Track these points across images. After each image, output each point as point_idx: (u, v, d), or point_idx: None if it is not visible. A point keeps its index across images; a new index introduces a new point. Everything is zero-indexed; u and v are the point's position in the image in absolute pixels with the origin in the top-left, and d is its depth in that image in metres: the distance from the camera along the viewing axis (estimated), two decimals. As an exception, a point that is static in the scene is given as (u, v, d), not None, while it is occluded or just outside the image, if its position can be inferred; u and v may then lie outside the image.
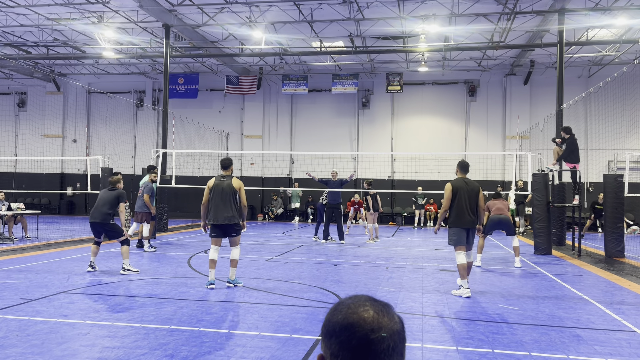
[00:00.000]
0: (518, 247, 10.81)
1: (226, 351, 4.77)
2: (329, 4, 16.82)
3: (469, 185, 7.56)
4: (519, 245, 10.89)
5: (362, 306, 1.17)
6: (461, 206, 7.46)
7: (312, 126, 25.37)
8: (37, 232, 15.17)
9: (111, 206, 8.96)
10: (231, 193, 7.77)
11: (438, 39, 19.78)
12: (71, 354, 4.62)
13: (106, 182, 15.31)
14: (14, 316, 5.87)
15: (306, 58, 23.15)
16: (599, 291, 8.12)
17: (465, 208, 7.46)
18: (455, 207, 7.49)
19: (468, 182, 7.61)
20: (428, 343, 5.16)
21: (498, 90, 24.17)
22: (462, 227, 7.46)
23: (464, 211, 7.45)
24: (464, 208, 7.45)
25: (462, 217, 7.44)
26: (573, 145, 12.71)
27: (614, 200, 12.46)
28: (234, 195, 7.79)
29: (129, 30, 20.19)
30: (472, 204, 7.50)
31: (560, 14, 15.77)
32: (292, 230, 19.50)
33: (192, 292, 7.44)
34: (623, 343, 5.29)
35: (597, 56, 21.34)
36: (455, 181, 7.63)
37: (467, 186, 7.54)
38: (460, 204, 7.47)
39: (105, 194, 9.10)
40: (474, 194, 7.52)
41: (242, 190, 7.86)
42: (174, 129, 24.58)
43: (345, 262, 10.91)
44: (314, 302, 6.93)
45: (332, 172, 14.80)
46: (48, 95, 27.53)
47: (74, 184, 26.66)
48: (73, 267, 9.47)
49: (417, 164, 23.85)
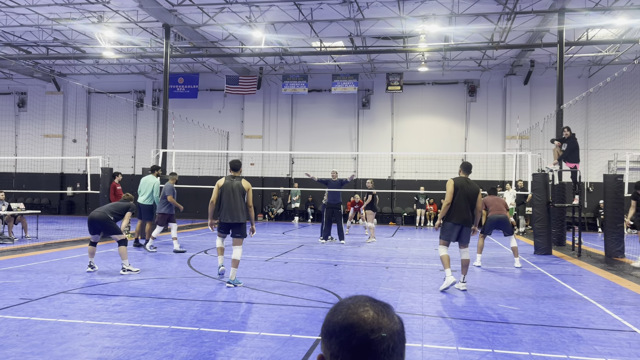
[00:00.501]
0: (516, 247, 10.79)
1: (226, 351, 4.77)
2: (329, 4, 16.82)
3: (470, 185, 7.75)
4: (517, 246, 10.88)
5: (362, 306, 1.17)
6: (459, 203, 7.64)
7: (312, 126, 25.37)
8: (37, 232, 15.17)
9: (117, 212, 9.19)
10: (240, 193, 8.00)
11: (438, 39, 19.78)
12: (71, 354, 4.62)
13: (106, 182, 15.40)
14: (14, 316, 5.87)
15: (306, 58, 23.15)
16: (599, 291, 8.12)
17: (462, 206, 7.63)
18: (454, 204, 7.66)
19: (469, 182, 7.79)
20: (428, 343, 5.16)
21: (498, 90, 24.18)
22: (456, 223, 7.66)
23: (461, 208, 7.63)
24: (461, 206, 7.63)
25: (458, 213, 7.63)
26: (574, 145, 12.72)
27: (614, 200, 12.46)
28: (242, 195, 8.03)
29: (129, 30, 20.19)
30: (470, 203, 7.68)
31: (560, 14, 15.77)
32: (292, 230, 19.50)
33: (192, 292, 7.44)
34: (623, 343, 5.29)
35: (597, 56, 21.34)
36: (457, 179, 7.79)
37: (468, 186, 7.74)
38: (459, 201, 7.64)
39: (116, 202, 9.57)
40: (473, 195, 7.69)
41: (250, 191, 8.09)
42: (174, 129, 24.58)
43: (345, 262, 10.91)
44: (314, 302, 6.93)
45: (332, 172, 14.81)
46: (48, 95, 27.54)
47: (74, 184, 26.67)
48: (73, 267, 9.47)
49: (417, 164, 23.85)
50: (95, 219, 8.92)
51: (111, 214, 9.05)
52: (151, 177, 13.22)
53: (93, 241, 9.09)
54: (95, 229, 9.01)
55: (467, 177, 7.90)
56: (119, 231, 9.07)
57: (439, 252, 7.93)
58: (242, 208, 8.01)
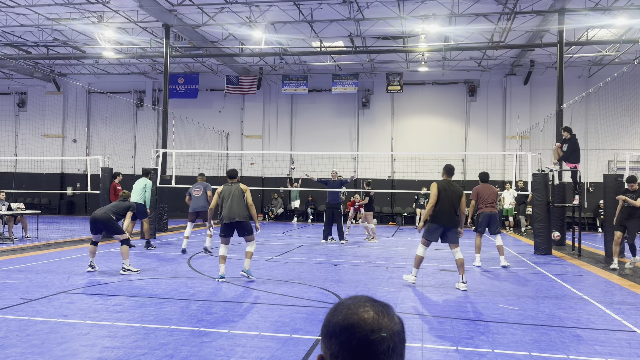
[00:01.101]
0: (502, 245, 10.70)
1: (226, 351, 4.77)
2: (329, 4, 16.82)
3: (453, 187, 7.98)
4: (502, 244, 10.79)
5: (362, 307, 1.17)
6: (444, 206, 7.83)
7: (312, 126, 25.37)
8: (37, 232, 15.18)
9: (118, 212, 9.24)
10: (240, 194, 8.52)
11: (438, 39, 19.78)
12: (71, 354, 4.62)
13: (106, 182, 15.39)
14: (14, 316, 5.87)
15: (306, 58, 23.15)
16: (599, 291, 8.12)
17: (447, 208, 7.82)
18: (438, 206, 7.85)
19: (452, 184, 8.02)
20: (428, 343, 5.16)
21: (498, 90, 24.17)
22: (440, 225, 7.86)
23: (445, 211, 7.82)
24: (446, 208, 7.82)
25: (443, 215, 7.82)
26: (575, 145, 12.71)
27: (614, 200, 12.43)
28: (241, 197, 8.54)
29: (129, 30, 20.19)
30: (454, 205, 7.87)
31: (560, 14, 15.77)
32: (292, 230, 19.50)
33: (192, 292, 7.44)
34: (623, 343, 5.29)
35: (597, 56, 21.34)
36: (440, 182, 8.02)
37: (452, 188, 7.94)
38: (443, 204, 7.83)
39: (116, 202, 9.55)
40: (457, 197, 7.90)
41: (248, 192, 8.64)
42: (174, 129, 24.58)
43: (345, 262, 10.91)
44: (314, 302, 6.93)
45: (332, 172, 14.80)
46: (48, 95, 27.53)
47: (74, 184, 26.66)
48: (73, 267, 9.47)
49: (417, 164, 23.84)
50: (97, 219, 8.94)
51: (113, 214, 9.09)
52: (143, 180, 13.34)
53: (94, 241, 9.10)
54: (98, 229, 9.02)
55: (450, 179, 8.11)
56: (121, 231, 9.11)
57: (417, 251, 8.15)
58: (241, 208, 8.39)
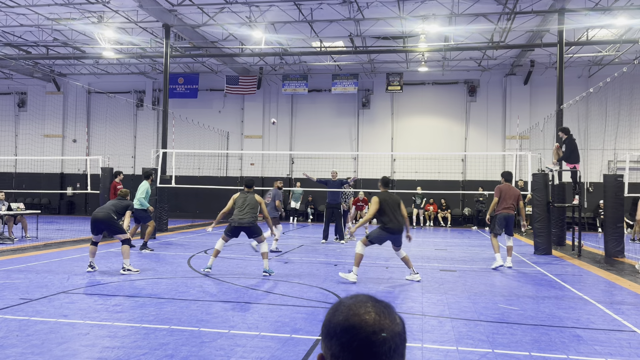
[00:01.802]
0: (512, 247, 10.76)
1: (226, 351, 4.77)
2: (329, 4, 16.82)
3: (392, 198, 8.69)
4: (512, 246, 10.86)
5: (363, 307, 1.17)
6: (389, 215, 8.50)
7: (312, 126, 25.36)
8: (37, 232, 15.17)
9: (118, 211, 9.21)
10: (255, 204, 9.23)
11: (438, 39, 19.77)
12: (71, 354, 4.62)
13: (106, 182, 15.39)
14: (14, 316, 5.87)
15: (306, 58, 23.15)
16: (599, 291, 8.12)
17: (392, 216, 8.49)
18: (385, 215, 8.49)
19: (391, 195, 8.75)
20: (428, 343, 5.16)
21: (498, 90, 24.17)
22: (390, 234, 8.50)
23: (392, 219, 8.49)
24: (391, 216, 8.49)
25: (391, 223, 8.47)
26: (572, 146, 12.71)
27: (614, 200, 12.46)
28: (256, 206, 9.25)
29: (129, 30, 20.19)
30: (396, 213, 8.56)
31: (560, 14, 15.77)
32: (292, 230, 19.50)
33: (192, 292, 7.44)
34: (623, 343, 5.29)
35: (597, 56, 21.33)
36: (380, 194, 8.66)
37: (391, 198, 8.65)
38: (388, 213, 8.50)
39: (115, 201, 9.44)
40: (396, 205, 8.63)
41: (263, 204, 9.38)
42: (174, 129, 24.57)
43: (345, 262, 10.91)
44: (314, 302, 6.93)
45: (332, 172, 14.80)
46: (48, 95, 27.52)
47: (74, 184, 26.66)
48: (73, 267, 9.47)
49: (417, 164, 23.84)
50: (99, 219, 8.91)
51: (114, 213, 9.08)
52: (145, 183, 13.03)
53: (94, 241, 9.08)
54: (99, 229, 9.00)
55: (387, 190, 8.81)
56: (122, 230, 9.09)
57: (357, 248, 8.50)
58: (252, 215, 9.07)
